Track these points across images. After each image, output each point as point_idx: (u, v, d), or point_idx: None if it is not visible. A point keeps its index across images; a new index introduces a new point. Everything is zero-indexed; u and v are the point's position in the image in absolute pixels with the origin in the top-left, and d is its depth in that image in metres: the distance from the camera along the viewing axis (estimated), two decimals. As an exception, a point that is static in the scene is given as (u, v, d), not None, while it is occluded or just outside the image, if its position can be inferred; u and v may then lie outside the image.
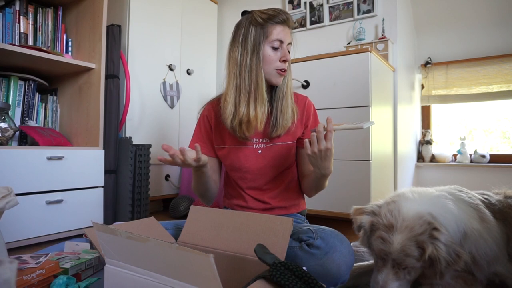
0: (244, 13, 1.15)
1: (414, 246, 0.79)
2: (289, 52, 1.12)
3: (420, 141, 2.84)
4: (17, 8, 1.77)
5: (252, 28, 1.08)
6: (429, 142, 2.76)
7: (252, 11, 1.12)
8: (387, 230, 0.82)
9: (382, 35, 2.38)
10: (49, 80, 1.99)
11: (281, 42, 1.08)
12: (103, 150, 1.82)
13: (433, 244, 0.78)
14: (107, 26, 1.89)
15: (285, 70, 1.09)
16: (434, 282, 0.84)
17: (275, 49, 1.08)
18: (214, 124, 1.19)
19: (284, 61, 1.09)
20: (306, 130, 1.18)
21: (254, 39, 1.07)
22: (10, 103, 1.72)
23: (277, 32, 1.08)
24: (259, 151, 1.14)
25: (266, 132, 1.14)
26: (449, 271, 0.78)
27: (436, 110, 2.90)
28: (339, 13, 2.60)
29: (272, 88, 1.14)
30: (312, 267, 0.88)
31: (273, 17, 1.08)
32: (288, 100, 1.12)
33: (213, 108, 1.20)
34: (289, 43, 1.11)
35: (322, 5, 2.67)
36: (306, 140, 0.96)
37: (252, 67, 1.07)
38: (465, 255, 0.78)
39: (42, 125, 1.89)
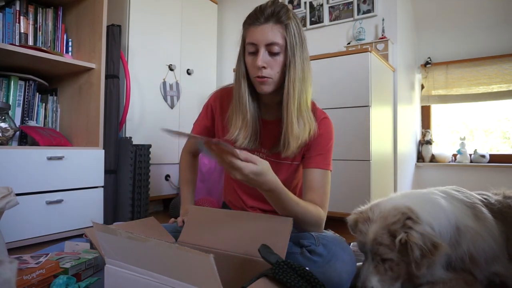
0: None
1: (387, 235, 0.81)
2: (273, 54, 0.92)
3: (420, 141, 2.84)
4: (17, 8, 1.77)
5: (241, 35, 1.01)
6: (429, 142, 2.76)
7: None
8: (364, 223, 0.87)
9: (382, 35, 2.38)
10: (49, 80, 1.98)
11: (255, 45, 0.93)
12: (103, 150, 1.82)
13: (406, 233, 0.79)
14: (107, 26, 1.89)
15: (263, 77, 0.93)
16: (434, 282, 0.84)
17: (251, 54, 0.95)
18: (219, 113, 1.12)
19: (258, 68, 0.92)
20: (308, 153, 1.02)
21: (240, 45, 1.00)
22: (10, 103, 1.72)
23: (250, 35, 0.94)
24: None
25: (271, 145, 1.03)
26: (426, 262, 0.78)
27: (436, 110, 2.90)
28: (339, 13, 2.60)
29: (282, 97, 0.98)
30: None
31: (249, 18, 0.95)
32: (292, 114, 0.94)
33: (222, 98, 1.12)
34: (271, 44, 0.91)
35: (322, 5, 2.67)
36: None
37: (236, 76, 1.00)
38: (444, 247, 0.77)
39: (42, 125, 1.89)
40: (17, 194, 1.42)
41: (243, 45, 0.98)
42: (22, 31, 1.78)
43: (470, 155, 2.62)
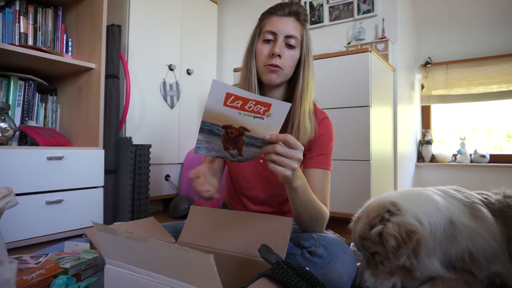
0: None
1: (369, 230, 0.84)
2: (290, 46, 0.94)
3: (420, 141, 2.84)
4: (17, 8, 1.77)
5: (255, 26, 1.01)
6: (429, 142, 2.76)
7: None
8: (355, 222, 0.91)
9: (382, 35, 2.38)
10: (49, 80, 1.98)
11: (274, 34, 0.94)
12: (103, 150, 1.82)
13: (384, 225, 0.81)
14: (107, 26, 1.89)
15: (275, 66, 0.93)
16: (434, 279, 0.84)
17: (266, 42, 0.95)
18: None
19: (273, 54, 0.92)
20: (309, 153, 1.00)
21: (251, 35, 1.00)
22: (10, 103, 1.72)
23: (270, 23, 0.95)
24: (261, 161, 1.05)
25: None
26: (405, 252, 0.78)
27: (436, 110, 2.90)
28: (339, 13, 2.60)
29: (287, 94, 1.01)
30: None
31: (273, 9, 0.97)
32: (305, 109, 0.95)
33: None
34: (290, 36, 0.94)
35: (322, 5, 2.67)
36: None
37: (245, 65, 0.99)
38: (420, 234, 0.77)
39: (42, 125, 1.89)
40: (17, 194, 1.42)
41: (258, 34, 0.98)
42: (22, 31, 1.78)
43: (470, 155, 2.62)
